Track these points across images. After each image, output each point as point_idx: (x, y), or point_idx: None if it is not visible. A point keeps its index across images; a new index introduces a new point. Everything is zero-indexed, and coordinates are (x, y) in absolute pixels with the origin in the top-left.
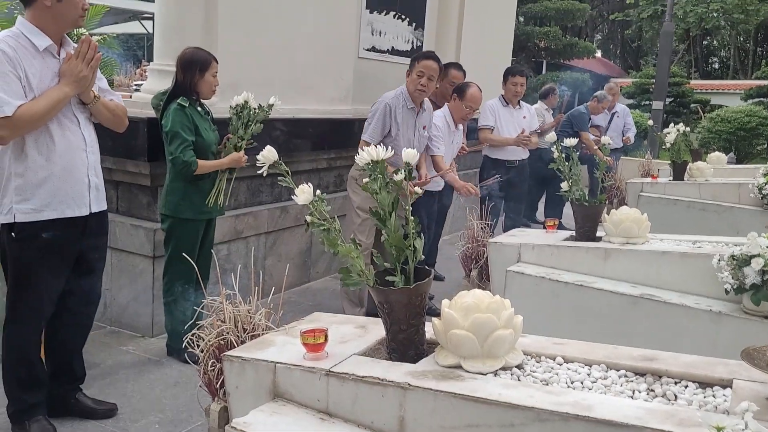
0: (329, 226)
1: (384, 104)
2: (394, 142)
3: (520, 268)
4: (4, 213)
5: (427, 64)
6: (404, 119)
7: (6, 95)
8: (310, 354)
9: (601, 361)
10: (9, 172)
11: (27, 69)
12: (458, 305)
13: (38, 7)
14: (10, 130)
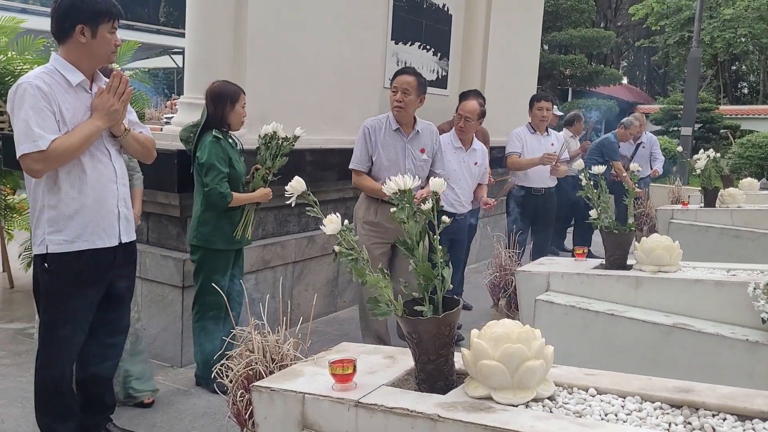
0: (357, 255)
1: (362, 128)
2: (376, 166)
3: (550, 297)
4: (37, 244)
5: (399, 79)
6: (389, 142)
7: (41, 130)
8: (338, 384)
9: (636, 392)
10: (42, 204)
11: (61, 104)
12: (488, 335)
13: (72, 43)
14: (44, 164)
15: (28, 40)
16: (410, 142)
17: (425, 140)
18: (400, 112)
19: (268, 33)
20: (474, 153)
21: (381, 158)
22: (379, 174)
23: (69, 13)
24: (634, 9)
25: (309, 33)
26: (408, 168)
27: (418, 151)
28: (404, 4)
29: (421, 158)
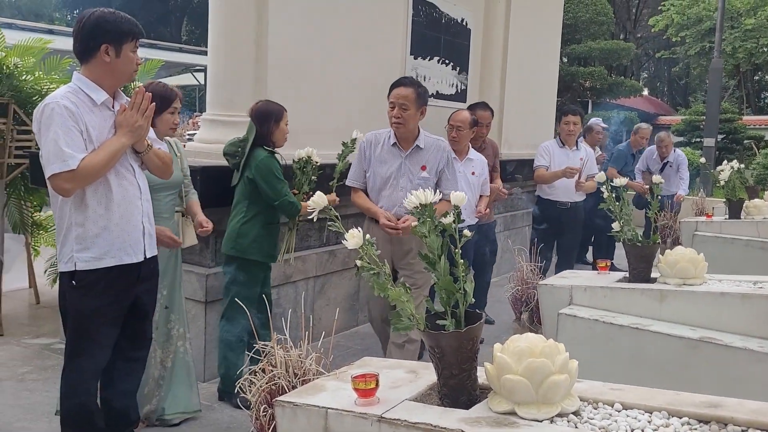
0: (379, 270)
1: (360, 143)
2: (370, 182)
3: (573, 310)
4: (65, 261)
5: (395, 93)
6: (385, 158)
7: (70, 149)
8: (361, 399)
9: (662, 407)
10: (70, 222)
11: (87, 123)
12: (511, 350)
13: (96, 62)
14: (74, 183)
15: (54, 60)
16: (408, 159)
17: (428, 157)
18: (399, 129)
19: (288, 50)
20: (470, 163)
21: (374, 175)
22: (371, 191)
23: (94, 33)
24: (654, 20)
25: (329, 50)
26: (402, 186)
27: (417, 168)
28: (423, 20)
29: (420, 176)
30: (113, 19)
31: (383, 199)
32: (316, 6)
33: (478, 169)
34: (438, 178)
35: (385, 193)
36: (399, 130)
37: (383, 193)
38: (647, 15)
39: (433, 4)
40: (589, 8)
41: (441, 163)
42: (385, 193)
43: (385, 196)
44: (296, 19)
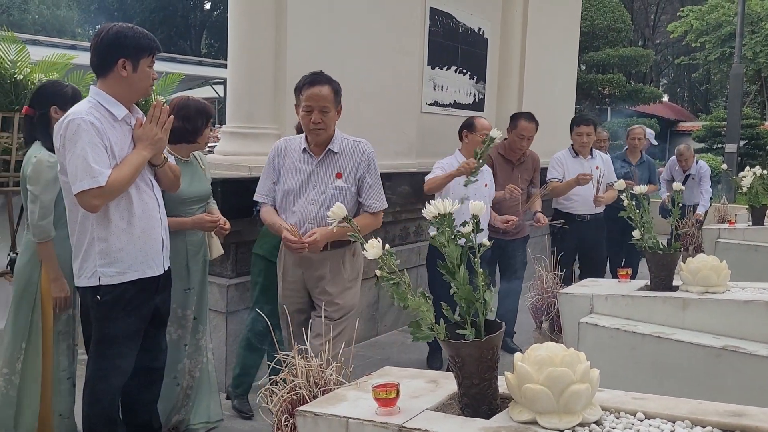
0: (398, 279)
1: (270, 152)
2: (278, 195)
3: (594, 319)
4: (88, 276)
5: (311, 94)
6: (296, 166)
7: (99, 166)
8: (382, 409)
9: (686, 416)
10: (92, 237)
11: (110, 138)
12: (532, 359)
13: (114, 77)
14: (103, 199)
15: (77, 75)
16: (320, 166)
17: (345, 162)
18: (320, 135)
19: (307, 62)
20: (481, 174)
21: (282, 186)
22: (280, 207)
23: (112, 48)
24: (673, 26)
25: (347, 61)
26: (313, 199)
27: (331, 176)
28: (440, 30)
29: (335, 185)
30: (131, 34)
31: (293, 214)
32: (334, 18)
33: (490, 179)
34: (358, 186)
35: (295, 207)
36: (320, 137)
37: (293, 207)
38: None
39: (450, 14)
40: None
41: (361, 168)
42: (295, 208)
43: (295, 210)
44: (314, 32)
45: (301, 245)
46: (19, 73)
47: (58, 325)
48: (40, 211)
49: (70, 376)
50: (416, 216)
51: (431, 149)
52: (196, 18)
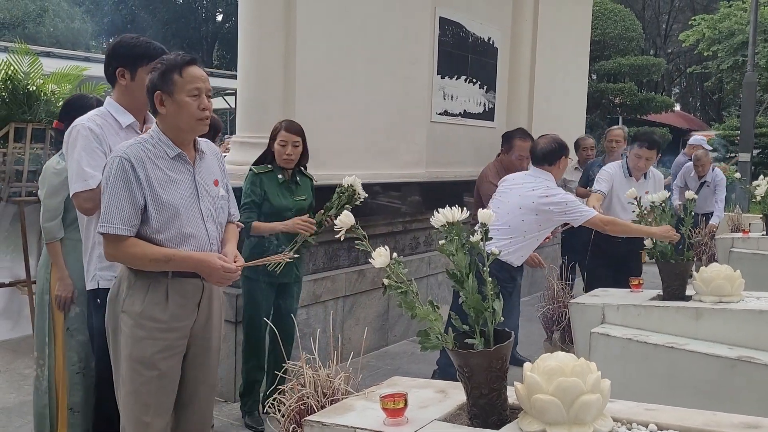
0: (406, 288)
1: (116, 161)
2: (157, 218)
3: (605, 329)
4: (89, 280)
5: (193, 74)
6: (173, 177)
7: (92, 170)
8: (390, 419)
9: (700, 428)
10: (93, 242)
11: (111, 145)
12: (541, 369)
13: (117, 86)
14: (94, 202)
15: (90, 87)
16: (199, 172)
17: (213, 165)
18: (201, 124)
19: (316, 72)
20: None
21: (163, 205)
22: (162, 231)
23: (111, 58)
24: (685, 35)
25: (357, 71)
26: (207, 215)
27: (211, 183)
28: (449, 39)
29: (219, 194)
30: (128, 43)
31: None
32: (342, 28)
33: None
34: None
35: (184, 229)
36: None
37: (183, 229)
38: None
39: (460, 24)
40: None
41: (223, 171)
42: (184, 229)
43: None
44: (323, 42)
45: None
46: (32, 84)
47: (68, 322)
48: (46, 214)
49: (80, 371)
50: (426, 225)
51: (441, 159)
52: (207, 30)
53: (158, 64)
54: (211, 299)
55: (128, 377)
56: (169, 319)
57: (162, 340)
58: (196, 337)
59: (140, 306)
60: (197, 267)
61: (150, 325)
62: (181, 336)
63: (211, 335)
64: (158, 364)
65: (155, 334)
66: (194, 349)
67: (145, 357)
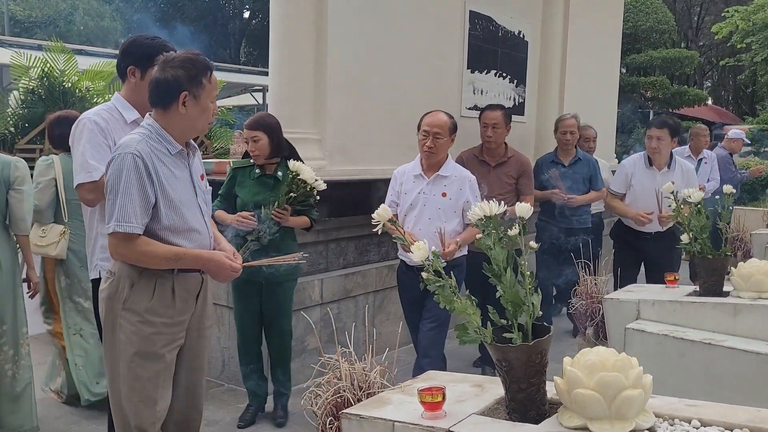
0: (445, 282)
1: (129, 158)
2: (165, 216)
3: (641, 325)
4: (92, 269)
5: (215, 80)
6: (176, 174)
7: (96, 162)
8: (428, 413)
9: (744, 425)
10: (96, 232)
11: (116, 139)
12: (582, 363)
13: (127, 83)
14: (97, 194)
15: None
16: (193, 169)
17: (197, 160)
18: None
19: (347, 67)
20: (441, 181)
21: (171, 202)
22: (172, 228)
23: (123, 56)
24: (717, 27)
25: (386, 65)
26: (204, 211)
27: (199, 178)
28: (479, 33)
29: (206, 189)
30: (141, 43)
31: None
32: (373, 23)
33: (454, 189)
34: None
35: (191, 224)
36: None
37: (189, 224)
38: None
39: (490, 18)
40: (650, 17)
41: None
42: (191, 225)
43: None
44: (354, 37)
45: None
46: (68, 81)
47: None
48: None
49: (76, 332)
50: None
51: None
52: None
53: (187, 64)
54: (206, 290)
55: (131, 374)
56: (176, 313)
57: (169, 334)
58: (192, 328)
59: (147, 303)
60: (206, 265)
61: (158, 320)
62: (183, 328)
63: (205, 324)
64: (165, 356)
65: (163, 329)
66: (189, 340)
67: (154, 352)
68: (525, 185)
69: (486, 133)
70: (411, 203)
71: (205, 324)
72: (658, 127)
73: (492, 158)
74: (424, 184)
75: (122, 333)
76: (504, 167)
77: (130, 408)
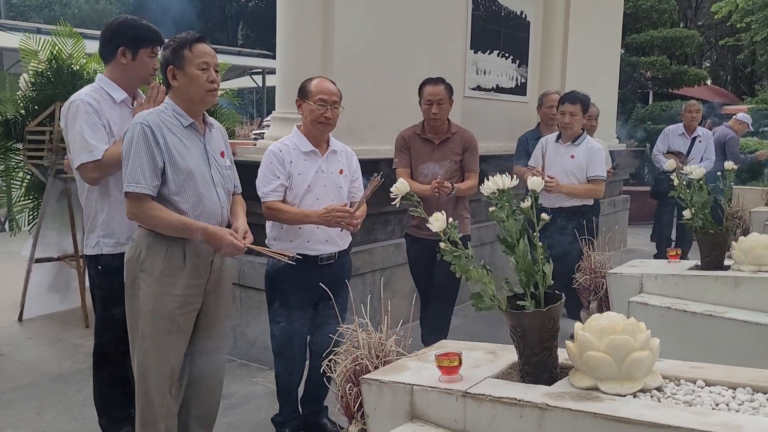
0: (461, 252)
1: (138, 128)
2: (173, 183)
3: (644, 299)
4: (92, 245)
5: (202, 50)
6: (186, 145)
7: (96, 142)
8: (445, 377)
9: (747, 384)
10: (96, 210)
11: (108, 118)
12: (593, 327)
13: (115, 64)
14: (100, 172)
15: None
16: (209, 143)
17: (218, 138)
18: (212, 95)
19: (353, 49)
20: (335, 157)
21: (180, 169)
22: (179, 193)
23: (113, 37)
24: (717, 6)
25: (391, 47)
26: (217, 182)
27: (218, 154)
28: (482, 14)
29: (226, 165)
30: (132, 25)
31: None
32: (379, 5)
33: (346, 165)
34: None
35: (202, 198)
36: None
37: (197, 198)
38: (709, 2)
39: None
40: None
41: (226, 143)
42: (201, 199)
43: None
44: (360, 18)
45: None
46: (75, 64)
47: None
48: None
49: None
50: None
51: (474, 134)
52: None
53: (170, 42)
54: (222, 259)
55: (149, 332)
56: (188, 276)
57: (181, 296)
58: (208, 295)
59: (161, 265)
60: (210, 239)
61: (170, 282)
62: (197, 293)
63: (222, 293)
64: (177, 318)
65: (175, 290)
66: (206, 307)
67: (166, 312)
68: (470, 161)
69: (431, 110)
70: (309, 184)
71: (223, 293)
72: (571, 103)
73: (436, 135)
74: (321, 162)
75: (141, 293)
76: (448, 143)
77: (147, 362)
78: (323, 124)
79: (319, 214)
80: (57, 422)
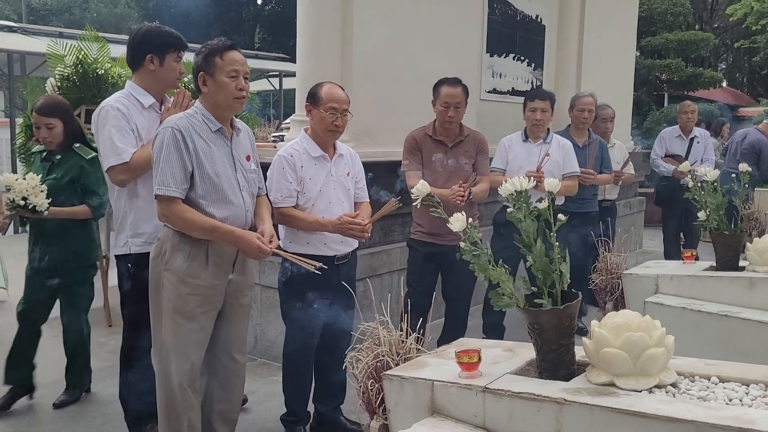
0: (480, 251)
1: (168, 131)
2: (200, 187)
3: (659, 299)
4: (121, 245)
5: (232, 57)
6: (212, 150)
7: (124, 145)
8: (465, 373)
9: (760, 380)
10: (125, 211)
11: (137, 123)
12: (609, 325)
13: (143, 70)
14: (129, 174)
15: None
16: (235, 147)
17: (245, 142)
18: (241, 102)
19: (372, 53)
20: (341, 160)
21: (206, 173)
22: (206, 197)
23: (141, 44)
24: (732, 9)
25: (410, 50)
26: (243, 186)
27: (244, 158)
28: (498, 17)
29: (251, 169)
30: (158, 32)
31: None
32: (398, 9)
33: (351, 167)
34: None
35: (226, 199)
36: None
37: (222, 200)
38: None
39: (508, 2)
40: None
41: (253, 147)
42: (225, 200)
43: (231, 202)
44: (379, 23)
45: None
46: (101, 68)
47: None
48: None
49: None
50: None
51: (490, 137)
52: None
53: (202, 48)
54: (244, 261)
55: (171, 330)
56: (210, 277)
57: (203, 296)
58: (230, 296)
59: (184, 265)
60: (237, 242)
61: (192, 281)
62: (218, 293)
63: (244, 293)
64: (198, 317)
65: (198, 290)
66: (228, 306)
67: (187, 310)
68: (482, 164)
69: (447, 113)
70: (321, 189)
71: (244, 293)
72: (542, 99)
73: (448, 138)
74: (330, 166)
75: (164, 291)
76: (462, 146)
77: (168, 359)
78: (333, 131)
79: (333, 223)
80: (83, 418)
